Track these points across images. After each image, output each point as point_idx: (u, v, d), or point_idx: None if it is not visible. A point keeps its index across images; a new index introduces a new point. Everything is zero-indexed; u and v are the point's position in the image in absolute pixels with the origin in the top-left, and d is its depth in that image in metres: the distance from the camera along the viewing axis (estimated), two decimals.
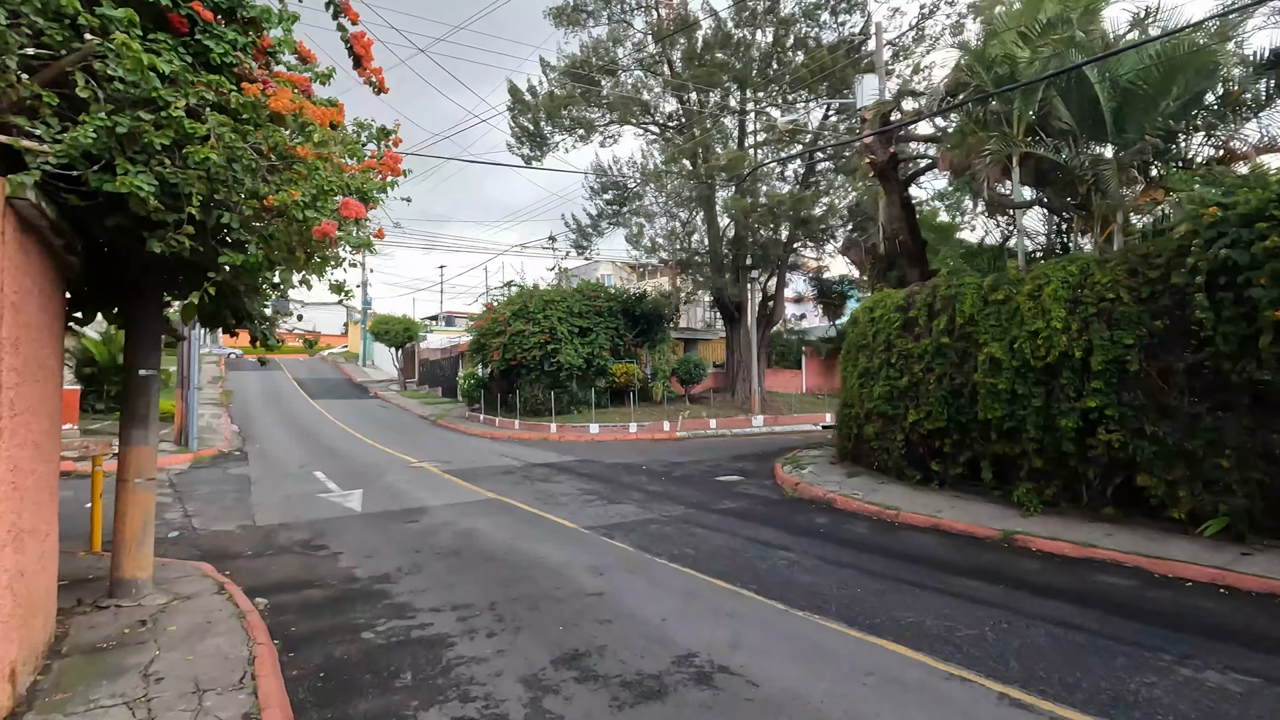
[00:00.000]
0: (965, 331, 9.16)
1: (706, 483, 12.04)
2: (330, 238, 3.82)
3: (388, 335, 37.50)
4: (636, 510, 9.64)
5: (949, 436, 9.38)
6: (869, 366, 10.94)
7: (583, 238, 27.46)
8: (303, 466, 14.76)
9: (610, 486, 11.69)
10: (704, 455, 16.16)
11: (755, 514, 9.32)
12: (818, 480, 10.97)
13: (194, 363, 17.29)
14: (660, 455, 16.24)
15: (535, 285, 24.36)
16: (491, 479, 12.66)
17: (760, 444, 18.88)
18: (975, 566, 6.70)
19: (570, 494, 10.99)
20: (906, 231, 12.11)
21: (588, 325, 23.57)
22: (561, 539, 8.00)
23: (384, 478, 12.95)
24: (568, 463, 14.95)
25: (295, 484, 12.47)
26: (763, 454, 16.26)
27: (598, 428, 21.85)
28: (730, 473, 13.19)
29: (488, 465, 14.63)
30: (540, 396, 23.22)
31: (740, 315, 26.69)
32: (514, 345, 22.80)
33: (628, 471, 13.54)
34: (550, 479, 12.62)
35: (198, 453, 16.85)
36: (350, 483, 12.41)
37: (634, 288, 27.54)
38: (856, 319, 12.03)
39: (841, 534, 8.16)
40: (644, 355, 25.42)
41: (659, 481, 12.24)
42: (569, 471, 13.57)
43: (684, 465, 14.35)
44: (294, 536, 8.36)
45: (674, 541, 7.80)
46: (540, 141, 26.29)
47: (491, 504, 10.26)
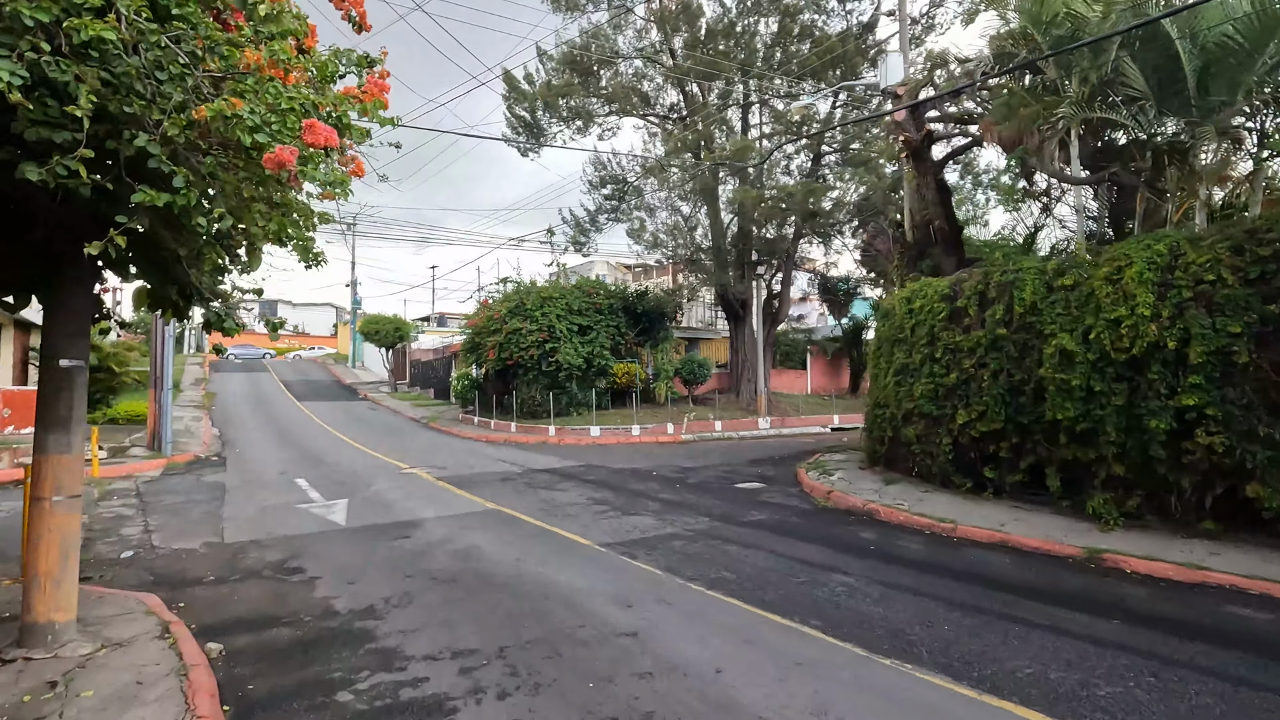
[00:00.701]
0: (1026, 322, 8.17)
1: (726, 491, 11.00)
2: (289, 170, 2.76)
3: (378, 335, 36.30)
4: (655, 523, 8.57)
5: (1006, 439, 8.38)
6: (908, 363, 9.93)
7: (581, 234, 26.41)
8: (284, 473, 13.62)
9: (621, 495, 10.63)
10: (715, 460, 15.11)
11: (790, 527, 8.27)
12: (851, 488, 9.95)
13: (167, 361, 16.11)
14: (668, 460, 15.18)
15: (532, 282, 23.28)
16: (490, 487, 11.57)
17: (772, 447, 17.85)
18: (1069, 593, 5.68)
19: (578, 504, 9.92)
20: (942, 216, 11.14)
21: (587, 323, 22.50)
22: (576, 559, 6.93)
23: (372, 486, 11.83)
24: (571, 468, 13.87)
25: (274, 493, 11.34)
26: (778, 458, 15.23)
27: (599, 430, 20.78)
28: (749, 479, 12.15)
29: (485, 471, 13.53)
30: (538, 398, 22.12)
31: (745, 313, 25.69)
32: (510, 344, 21.69)
33: (637, 478, 12.48)
34: (554, 486, 11.54)
35: (172, 458, 15.67)
36: (334, 492, 11.29)
37: (634, 286, 26.48)
38: (889, 311, 11.03)
39: (896, 551, 7.13)
40: (645, 355, 24.38)
41: (673, 489, 11.18)
42: (573, 478, 12.50)
43: (697, 471, 13.30)
44: (266, 556, 7.25)
45: (707, 562, 6.75)
46: (537, 132, 25.22)
47: (492, 516, 9.18)
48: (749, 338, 25.83)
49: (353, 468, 14.18)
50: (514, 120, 24.78)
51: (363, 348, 46.01)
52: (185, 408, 26.98)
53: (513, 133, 24.99)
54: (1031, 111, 8.89)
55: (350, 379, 41.70)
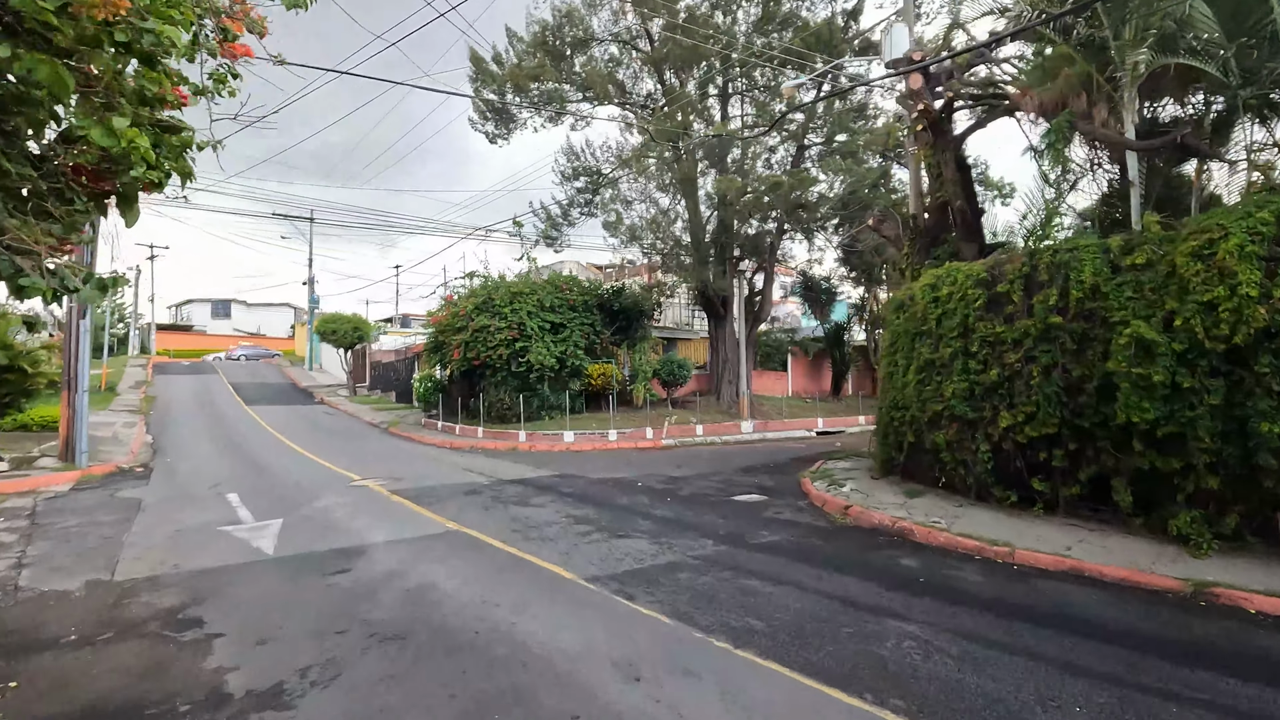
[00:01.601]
0: (1086, 308, 6.99)
1: (726, 505, 9.64)
2: None
3: (335, 336, 34.18)
4: (651, 547, 7.16)
5: (1061, 445, 7.18)
6: (933, 358, 8.71)
7: (553, 227, 24.90)
8: (216, 486, 11.88)
9: (606, 511, 9.18)
10: (703, 467, 13.76)
11: (813, 552, 6.94)
12: (870, 502, 8.67)
13: (83, 360, 14.17)
14: (652, 468, 13.79)
15: (501, 276, 21.69)
16: (453, 502, 10.03)
17: (761, 453, 16.58)
18: (1200, 647, 4.44)
19: (557, 523, 8.45)
20: (963, 197, 9.98)
21: (561, 321, 21.00)
22: (560, 602, 5.48)
23: (315, 501, 10.19)
24: (545, 478, 12.39)
25: (197, 511, 9.64)
26: (773, 465, 13.95)
27: (573, 436, 19.29)
28: (747, 490, 10.82)
29: (448, 483, 11.97)
30: (507, 401, 20.54)
31: (726, 312, 24.48)
32: (477, 343, 20.08)
33: (622, 490, 11.06)
34: (528, 501, 10.05)
35: (88, 470, 13.75)
36: (269, 509, 9.63)
37: (609, 283, 25.05)
38: (903, 303, 9.82)
39: (952, 584, 5.84)
40: (622, 355, 22.99)
41: (665, 503, 9.79)
42: (550, 490, 11.02)
43: (687, 481, 11.93)
44: (160, 601, 5.65)
45: (725, 603, 5.36)
46: (506, 119, 23.69)
47: (454, 540, 7.67)
48: (730, 337, 24.63)
49: (297, 479, 12.48)
50: (482, 104, 23.20)
51: (320, 349, 43.70)
52: (119, 412, 24.75)
53: (480, 118, 23.40)
54: (1080, 70, 7.75)
55: (307, 382, 39.42)
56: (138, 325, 57.25)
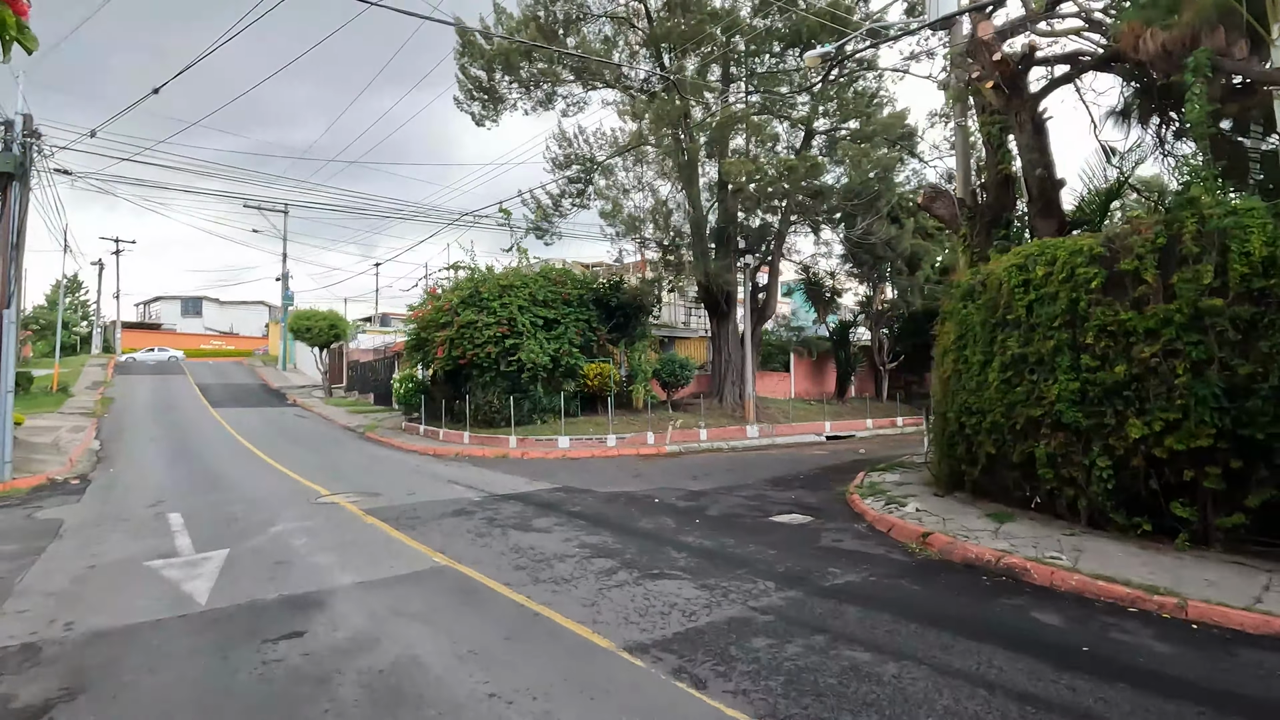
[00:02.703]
0: (1254, 288, 5.52)
1: (769, 529, 8.05)
2: None
3: (310, 333, 32.17)
4: (698, 592, 5.54)
5: (1218, 462, 5.69)
6: (1025, 353, 7.18)
7: (543, 218, 23.20)
8: (158, 504, 10.08)
9: (628, 539, 7.54)
10: (724, 479, 12.17)
11: (912, 602, 5.35)
12: (951, 527, 7.12)
13: (6, 353, 12.23)
14: (665, 480, 12.17)
15: (489, 268, 19.95)
16: (439, 525, 8.34)
17: (781, 462, 15.02)
18: None
19: (571, 555, 6.80)
20: (1043, 164, 8.49)
21: (555, 316, 19.31)
22: (599, 692, 3.83)
23: (272, 525, 8.45)
24: (545, 493, 10.72)
25: (126, 538, 7.87)
26: (802, 477, 12.40)
27: (568, 442, 17.63)
28: (785, 508, 9.24)
29: (432, 499, 10.26)
30: (496, 403, 18.81)
31: (729, 309, 22.95)
32: (463, 340, 18.32)
33: (638, 508, 9.42)
34: (530, 524, 8.38)
35: (10, 483, 11.87)
36: (215, 535, 7.88)
37: (604, 277, 23.39)
38: (975, 288, 8.29)
39: (1131, 658, 4.28)
40: (618, 354, 21.34)
41: (695, 526, 8.17)
42: (554, 509, 9.35)
43: (711, 496, 10.32)
44: (17, 692, 3.93)
45: (841, 698, 3.73)
46: (494, 98, 21.96)
47: (444, 582, 5.99)
48: (732, 336, 23.11)
49: (256, 494, 10.71)
50: (468, 82, 21.46)
51: (295, 348, 41.56)
52: (70, 415, 22.68)
53: (467, 98, 21.65)
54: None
55: (279, 382, 37.30)
56: (101, 323, 54.53)
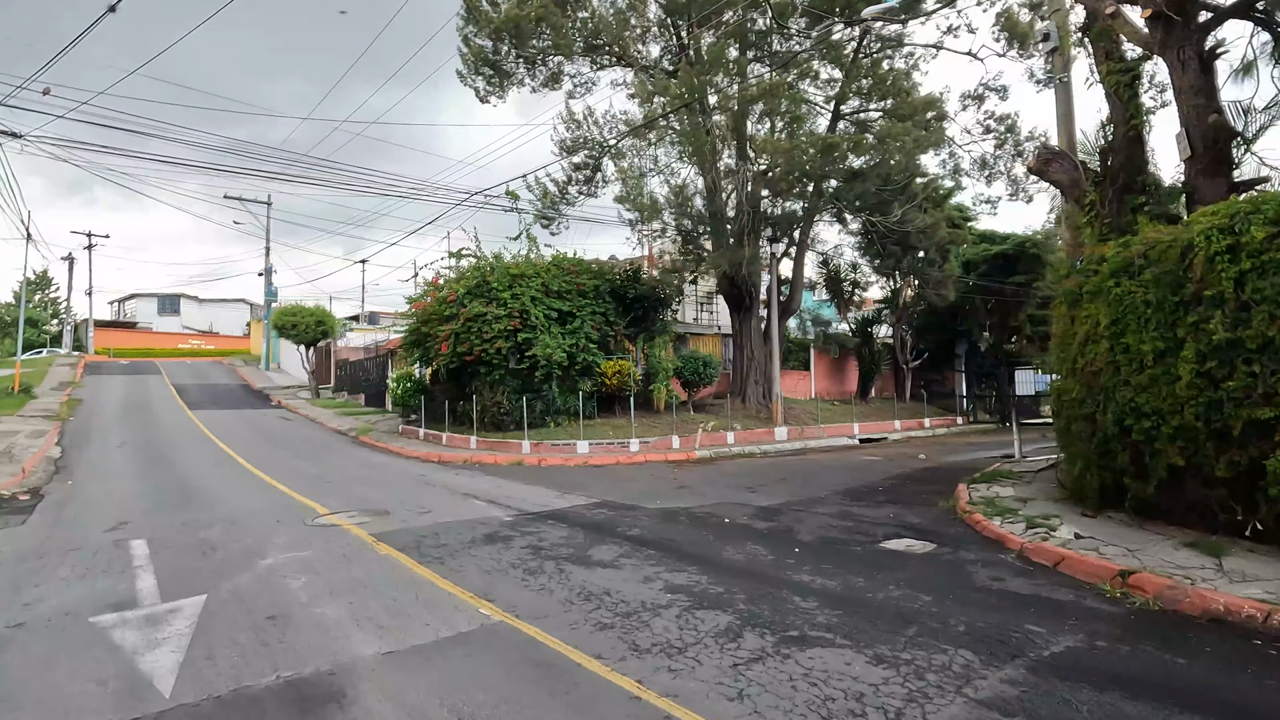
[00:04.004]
0: None
1: (890, 561, 6.43)
2: None
3: (296, 330, 30.16)
4: (883, 675, 3.87)
5: None
6: (1243, 337, 5.60)
7: (549, 205, 21.47)
8: (119, 527, 8.29)
9: (725, 578, 5.88)
10: (785, 491, 10.55)
11: (1193, 689, 3.74)
12: (1151, 563, 5.53)
13: None
14: (715, 492, 10.54)
15: (497, 256, 18.18)
16: (472, 556, 6.63)
17: (834, 470, 13.43)
18: None
19: (663, 605, 5.13)
20: (1214, 109, 6.96)
21: (569, 309, 17.60)
22: None
23: (259, 557, 6.70)
24: (587, 511, 9.04)
25: (70, 579, 6.10)
26: (875, 488, 10.79)
27: (587, 446, 15.95)
28: (889, 528, 7.63)
29: (453, 518, 8.54)
30: (505, 404, 17.06)
31: (752, 302, 21.36)
32: (470, 334, 16.55)
33: (710, 530, 7.77)
34: (587, 555, 6.69)
35: None
36: (188, 574, 6.14)
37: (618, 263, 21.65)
38: (1134, 263, 6.73)
39: None
40: (636, 350, 19.67)
41: (795, 557, 6.53)
42: (606, 533, 7.67)
43: (786, 514, 8.68)
44: None
45: None
46: (500, 73, 20.21)
47: (504, 652, 4.30)
48: (755, 331, 21.52)
49: (238, 513, 8.93)
50: (471, 54, 19.69)
51: (278, 346, 39.45)
52: (30, 418, 20.63)
53: (470, 71, 19.88)
54: None
55: (262, 383, 35.22)
56: (72, 321, 51.96)
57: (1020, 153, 21.03)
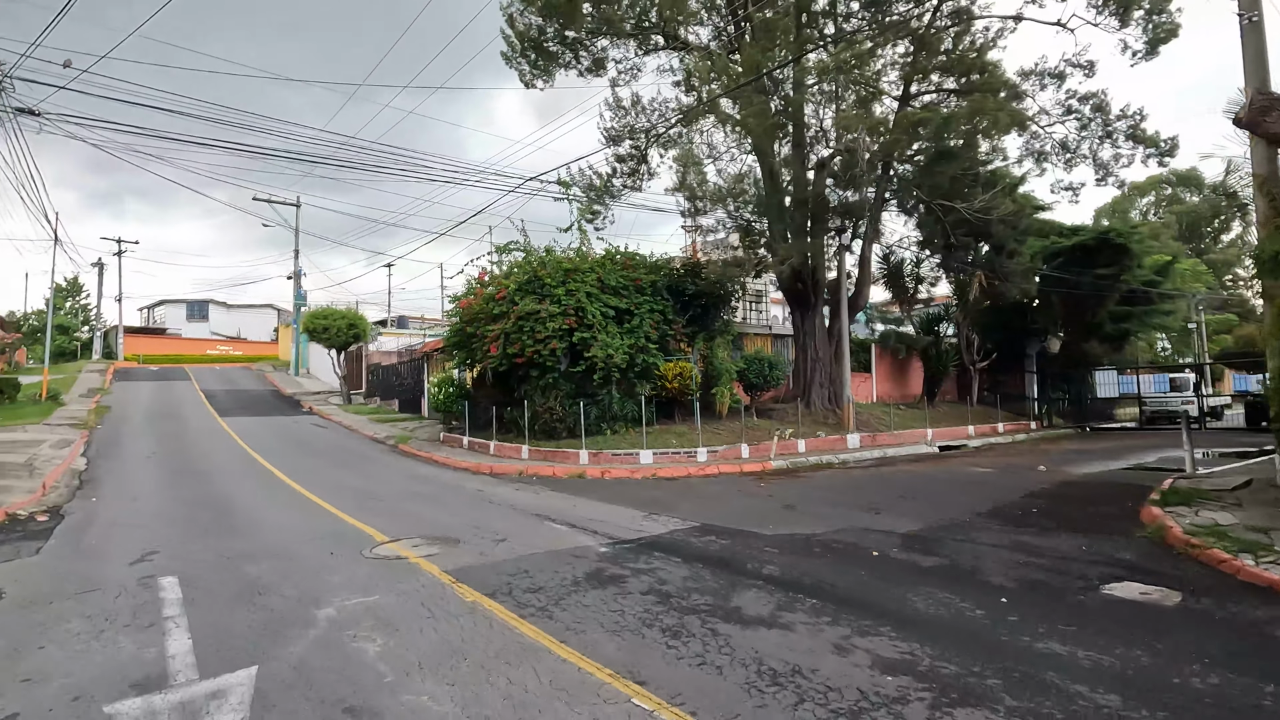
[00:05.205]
0: None
1: (1140, 617, 4.89)
2: None
3: (328, 334, 29.11)
4: None
5: None
6: None
7: (596, 199, 20.09)
8: (146, 559, 7.01)
9: (940, 644, 4.38)
10: (912, 512, 9.00)
11: None
12: None
13: None
14: (830, 513, 9.03)
15: (548, 250, 16.82)
16: (584, 606, 5.19)
17: (943, 483, 11.84)
18: None
19: (889, 695, 3.63)
20: None
21: (627, 306, 16.18)
22: None
23: (316, 605, 5.33)
24: (692, 538, 7.57)
25: (84, 636, 4.78)
26: (1018, 508, 9.19)
27: (651, 456, 14.50)
28: (1096, 566, 6.09)
29: (535, 548, 7.12)
30: (558, 410, 15.68)
31: (815, 299, 19.78)
32: (522, 334, 15.18)
33: (862, 565, 6.26)
34: (730, 604, 5.21)
35: None
36: (228, 632, 4.78)
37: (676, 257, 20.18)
38: None
39: None
40: (693, 351, 18.21)
41: (1002, 608, 5.02)
42: (734, 570, 6.19)
43: (937, 543, 7.15)
44: None
45: None
46: (547, 55, 18.92)
47: None
48: (819, 331, 19.93)
49: (282, 540, 7.60)
50: (516, 35, 18.42)
51: (308, 351, 38.58)
52: (57, 427, 19.65)
53: (515, 52, 18.61)
54: None
55: (292, 388, 34.29)
56: (102, 328, 51.71)
57: (1110, 133, 19.29)
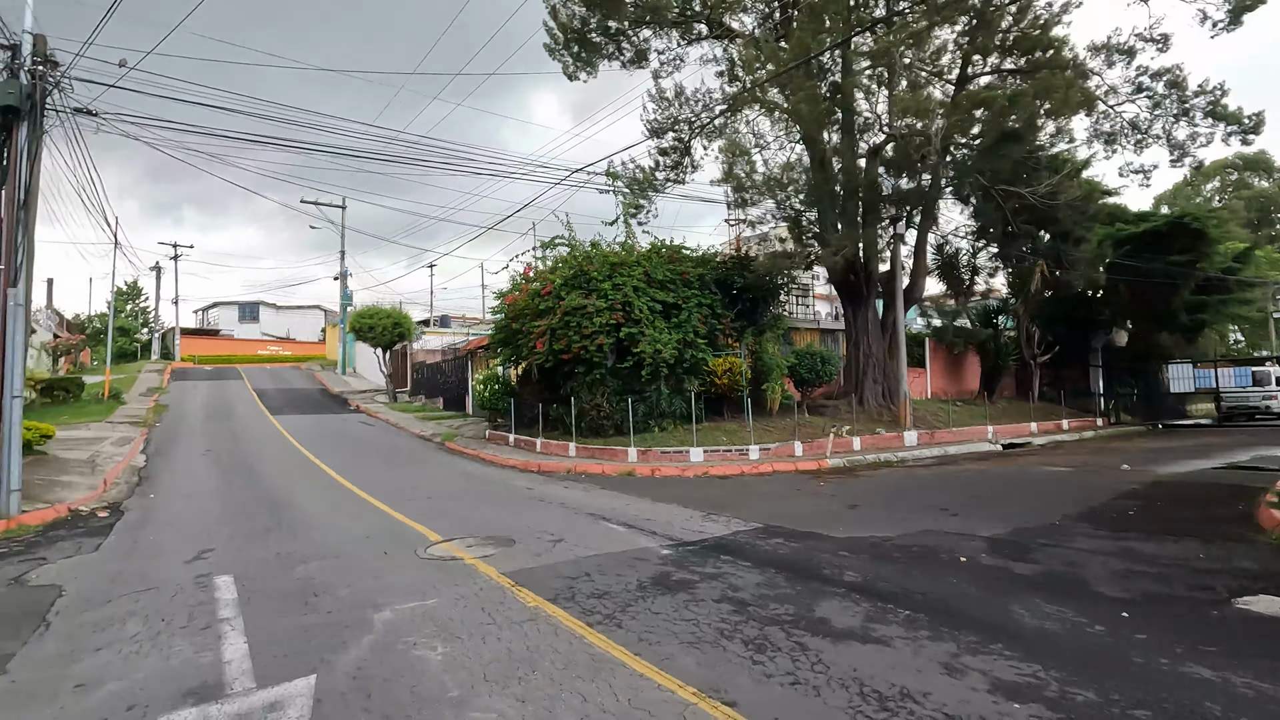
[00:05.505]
0: None
1: None
2: None
3: (374, 333, 29.44)
4: None
5: None
6: None
7: (639, 192, 19.73)
8: (201, 557, 6.92)
9: (1065, 664, 3.87)
10: (990, 513, 8.41)
11: None
12: None
13: (12, 349, 9.27)
14: (894, 512, 8.50)
15: (594, 243, 16.53)
16: (653, 614, 4.82)
17: (1014, 482, 11.16)
18: None
19: None
20: None
21: (674, 300, 15.77)
22: None
23: (373, 608, 5.09)
24: (754, 538, 7.16)
25: (140, 640, 4.62)
26: (1104, 509, 8.52)
27: (701, 454, 14.09)
28: (1219, 576, 5.47)
29: (594, 549, 6.80)
30: (605, 407, 15.38)
31: (868, 292, 19.09)
32: (568, 330, 14.91)
33: (951, 572, 5.76)
34: (813, 614, 4.78)
35: (18, 519, 8.91)
36: (285, 637, 4.56)
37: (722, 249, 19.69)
38: None
39: None
40: (741, 346, 17.71)
41: (1134, 628, 4.49)
42: (810, 577, 5.75)
43: (1037, 550, 6.57)
44: None
45: None
46: (589, 49, 18.64)
47: None
48: (872, 324, 19.21)
49: (335, 541, 7.43)
50: (559, 26, 18.17)
51: (354, 350, 39.20)
52: (118, 424, 20.19)
53: (559, 44, 18.37)
54: None
55: (340, 387, 34.84)
56: (160, 329, 53.53)
57: (1186, 110, 18.13)
